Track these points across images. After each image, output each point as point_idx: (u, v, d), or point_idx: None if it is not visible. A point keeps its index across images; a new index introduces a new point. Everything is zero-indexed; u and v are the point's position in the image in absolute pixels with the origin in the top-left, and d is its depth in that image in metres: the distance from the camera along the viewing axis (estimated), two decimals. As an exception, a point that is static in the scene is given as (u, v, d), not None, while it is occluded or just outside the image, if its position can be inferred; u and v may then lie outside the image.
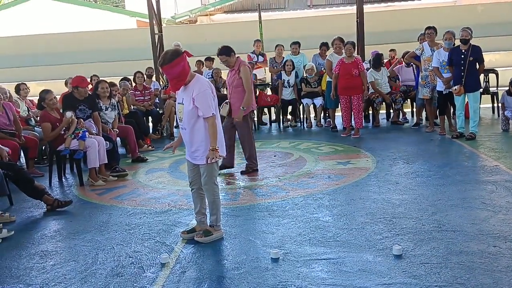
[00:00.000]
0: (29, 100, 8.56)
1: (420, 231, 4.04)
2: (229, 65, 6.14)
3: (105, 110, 7.28)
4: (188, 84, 3.93)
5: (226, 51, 5.98)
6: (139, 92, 9.43)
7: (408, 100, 9.92)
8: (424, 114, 9.20)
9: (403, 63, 9.92)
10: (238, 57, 6.19)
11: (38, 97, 6.62)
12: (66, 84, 9.28)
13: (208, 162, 3.91)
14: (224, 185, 5.93)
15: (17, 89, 8.24)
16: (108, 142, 6.64)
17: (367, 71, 9.32)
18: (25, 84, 8.54)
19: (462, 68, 7.39)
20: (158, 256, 3.84)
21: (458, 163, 6.26)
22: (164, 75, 7.61)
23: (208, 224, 4.20)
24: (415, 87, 9.13)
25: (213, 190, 4.07)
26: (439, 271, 3.31)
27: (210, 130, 3.89)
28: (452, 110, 8.48)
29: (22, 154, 7.24)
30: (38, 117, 7.07)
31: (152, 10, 12.37)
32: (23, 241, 4.44)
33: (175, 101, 4.83)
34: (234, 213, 4.85)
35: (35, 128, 7.70)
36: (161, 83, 11.33)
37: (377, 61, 9.36)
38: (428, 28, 8.29)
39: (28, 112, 8.03)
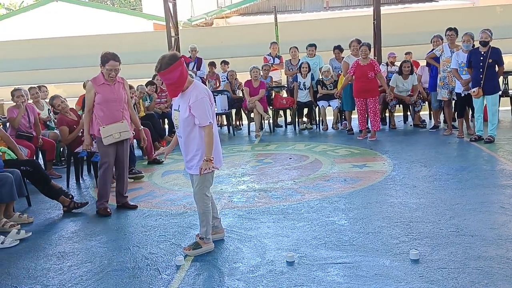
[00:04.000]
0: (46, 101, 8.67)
1: (438, 236, 3.99)
2: (115, 75, 5.11)
3: (122, 113, 7.30)
4: (185, 90, 3.79)
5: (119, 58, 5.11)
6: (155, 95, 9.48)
7: (426, 102, 9.82)
8: (442, 116, 9.11)
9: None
10: None
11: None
12: (84, 86, 9.37)
13: (201, 173, 3.78)
14: (239, 188, 5.93)
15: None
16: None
17: (392, 74, 9.29)
18: (45, 86, 8.67)
19: (481, 70, 7.30)
20: (174, 258, 3.86)
21: (476, 167, 6.17)
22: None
23: (199, 236, 4.03)
24: (429, 89, 9.00)
25: (204, 201, 3.93)
26: (456, 276, 3.26)
27: (206, 139, 3.74)
28: (470, 112, 8.37)
29: (40, 155, 7.35)
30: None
31: (169, 13, 12.44)
32: (40, 242, 4.50)
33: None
34: (249, 215, 4.84)
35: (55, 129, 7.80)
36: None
37: (400, 69, 9.24)
38: (449, 29, 8.19)
39: (49, 114, 8.14)
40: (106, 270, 3.76)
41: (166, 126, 9.81)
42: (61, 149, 7.90)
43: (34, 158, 6.83)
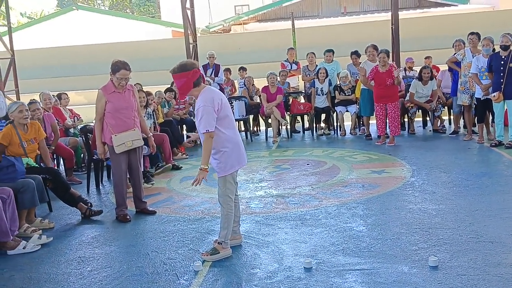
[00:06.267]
0: (69, 109, 8.82)
1: (457, 242, 3.96)
2: (126, 83, 5.15)
3: (141, 119, 7.40)
4: (197, 98, 3.97)
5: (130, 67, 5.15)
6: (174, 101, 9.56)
7: (446, 107, 9.71)
8: (462, 122, 9.00)
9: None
10: None
11: (80, 105, 6.79)
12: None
13: (193, 184, 3.89)
14: (257, 194, 5.94)
15: (59, 98, 8.51)
16: (146, 147, 6.71)
17: (411, 79, 9.26)
18: (66, 93, 8.82)
19: (502, 74, 7.21)
20: (192, 264, 3.88)
21: (497, 173, 6.09)
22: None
23: (217, 241, 4.05)
24: (451, 94, 8.93)
25: (227, 203, 4.00)
26: (476, 283, 3.23)
27: (203, 147, 3.86)
28: (490, 117, 8.27)
29: (61, 162, 7.46)
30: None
31: (187, 20, 12.55)
32: (61, 247, 4.57)
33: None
34: (267, 221, 4.85)
35: (77, 134, 7.93)
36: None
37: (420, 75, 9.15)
38: (471, 33, 8.11)
39: (74, 121, 8.29)
40: (125, 275, 3.81)
41: (184, 132, 9.88)
42: (81, 155, 8.02)
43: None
